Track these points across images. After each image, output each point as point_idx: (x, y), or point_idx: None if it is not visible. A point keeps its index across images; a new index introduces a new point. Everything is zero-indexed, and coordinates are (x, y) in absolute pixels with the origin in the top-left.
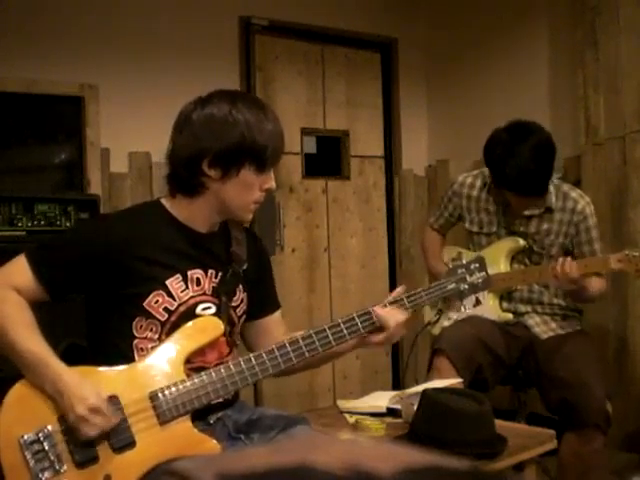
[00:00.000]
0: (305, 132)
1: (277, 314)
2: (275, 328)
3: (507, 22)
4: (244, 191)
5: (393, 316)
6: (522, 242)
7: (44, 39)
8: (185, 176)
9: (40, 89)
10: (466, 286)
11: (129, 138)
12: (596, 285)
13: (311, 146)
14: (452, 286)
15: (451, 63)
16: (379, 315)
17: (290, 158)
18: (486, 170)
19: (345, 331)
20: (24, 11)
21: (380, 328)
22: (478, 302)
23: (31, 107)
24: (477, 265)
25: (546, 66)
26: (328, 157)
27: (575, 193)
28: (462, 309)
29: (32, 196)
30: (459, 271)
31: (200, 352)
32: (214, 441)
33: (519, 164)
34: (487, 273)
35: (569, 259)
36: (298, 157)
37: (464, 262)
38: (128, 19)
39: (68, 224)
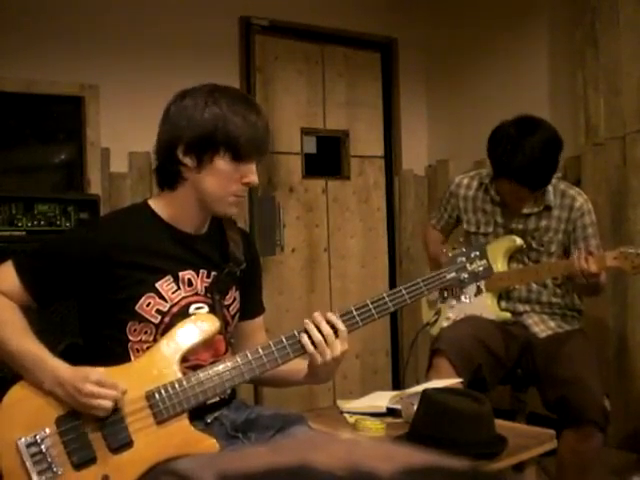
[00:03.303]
0: (305, 132)
1: (260, 319)
2: (257, 332)
3: (507, 22)
4: (220, 181)
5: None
6: (519, 241)
7: (44, 39)
8: (164, 166)
9: (40, 89)
10: (466, 275)
11: (129, 138)
12: (604, 278)
13: (311, 146)
14: (452, 275)
15: (451, 63)
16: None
17: (290, 158)
18: (483, 171)
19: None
20: (24, 11)
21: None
22: (479, 291)
23: (31, 107)
24: (477, 253)
25: (546, 66)
26: (328, 157)
27: (573, 191)
28: (463, 299)
29: (32, 196)
30: (459, 259)
31: (196, 350)
32: (212, 439)
33: (528, 155)
34: (488, 261)
35: (583, 252)
36: (298, 157)
37: (464, 250)
38: (128, 19)
39: (68, 224)
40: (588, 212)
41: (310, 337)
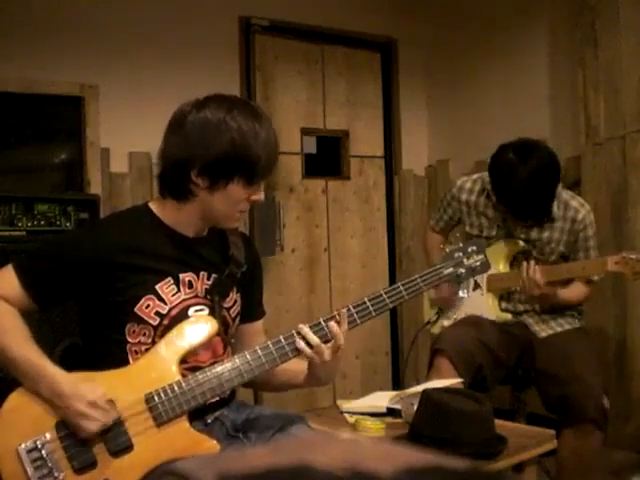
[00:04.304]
0: (305, 132)
1: (260, 322)
2: (257, 335)
3: (507, 22)
4: (231, 203)
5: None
6: (522, 243)
7: (44, 39)
8: (174, 180)
9: (40, 89)
10: (463, 270)
11: (129, 138)
12: (573, 292)
13: (311, 146)
14: (449, 270)
15: (451, 63)
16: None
17: (290, 158)
18: (486, 175)
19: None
20: (24, 11)
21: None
22: (477, 285)
23: (31, 107)
24: (474, 247)
25: (546, 66)
26: (328, 157)
27: (576, 202)
28: (461, 293)
29: (32, 196)
30: (456, 255)
31: (195, 352)
32: (213, 441)
33: (518, 190)
34: (485, 256)
35: (533, 263)
36: (298, 157)
37: (461, 245)
38: (128, 19)
39: (68, 224)
40: (590, 224)
41: (305, 339)
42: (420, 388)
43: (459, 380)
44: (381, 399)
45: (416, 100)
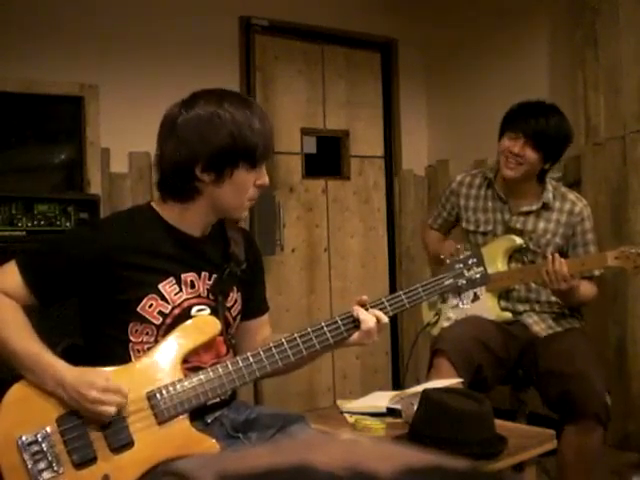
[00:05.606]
0: (305, 132)
1: (265, 317)
2: (261, 330)
3: (507, 22)
4: (239, 191)
5: (373, 317)
6: (519, 241)
7: (44, 39)
8: (177, 183)
9: (40, 89)
10: (464, 281)
11: (129, 138)
12: (586, 288)
13: (311, 146)
14: (450, 282)
15: (451, 63)
16: (359, 312)
17: (290, 158)
18: (485, 168)
19: (328, 334)
20: (24, 11)
21: (357, 327)
22: (476, 297)
23: (31, 107)
24: (475, 260)
25: (546, 66)
26: (328, 157)
27: (573, 195)
28: (460, 304)
29: (32, 196)
30: (456, 266)
31: (197, 352)
32: (213, 440)
33: (539, 112)
34: (485, 268)
35: (557, 256)
36: (298, 157)
37: (461, 257)
38: (128, 19)
39: (68, 224)
40: (588, 217)
41: (361, 320)
42: (420, 388)
43: (459, 380)
44: (381, 399)
45: (416, 100)
